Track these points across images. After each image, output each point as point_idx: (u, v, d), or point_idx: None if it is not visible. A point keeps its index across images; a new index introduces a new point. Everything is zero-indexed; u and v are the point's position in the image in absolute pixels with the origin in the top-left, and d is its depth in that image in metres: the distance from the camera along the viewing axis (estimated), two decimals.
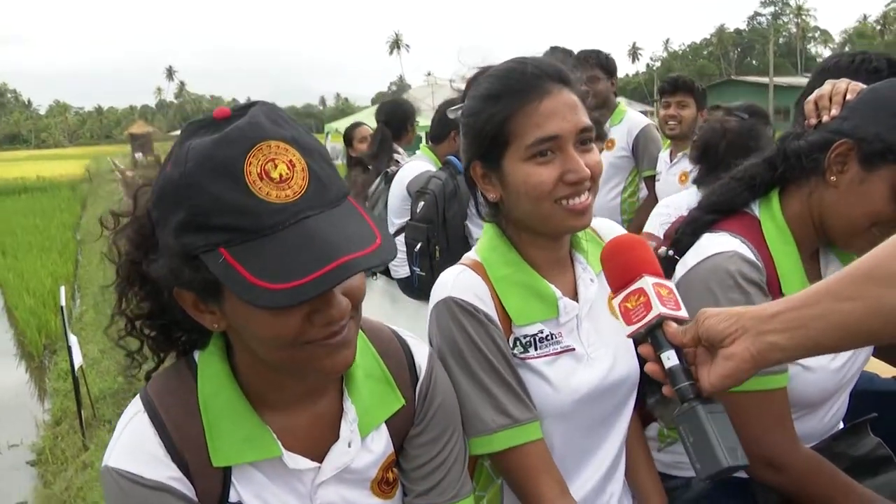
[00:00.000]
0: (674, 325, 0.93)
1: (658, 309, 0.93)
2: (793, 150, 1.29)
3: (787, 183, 1.33)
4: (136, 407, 0.92)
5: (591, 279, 1.27)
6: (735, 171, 1.38)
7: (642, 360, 1.25)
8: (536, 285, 1.22)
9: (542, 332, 1.21)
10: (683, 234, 1.37)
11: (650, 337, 0.94)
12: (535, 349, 1.20)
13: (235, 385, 0.93)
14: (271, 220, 0.77)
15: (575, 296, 1.26)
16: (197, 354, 0.96)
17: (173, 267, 0.82)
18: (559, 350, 1.21)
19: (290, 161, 0.79)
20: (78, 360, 4.42)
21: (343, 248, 0.77)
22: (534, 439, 1.16)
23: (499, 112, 1.14)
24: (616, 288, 1.01)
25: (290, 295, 0.74)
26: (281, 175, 0.78)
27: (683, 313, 0.96)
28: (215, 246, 0.77)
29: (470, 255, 1.28)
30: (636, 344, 1.00)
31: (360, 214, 0.84)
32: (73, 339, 4.46)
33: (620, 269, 1.01)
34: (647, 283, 0.97)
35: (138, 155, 39.33)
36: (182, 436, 0.89)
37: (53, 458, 4.54)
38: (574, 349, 1.22)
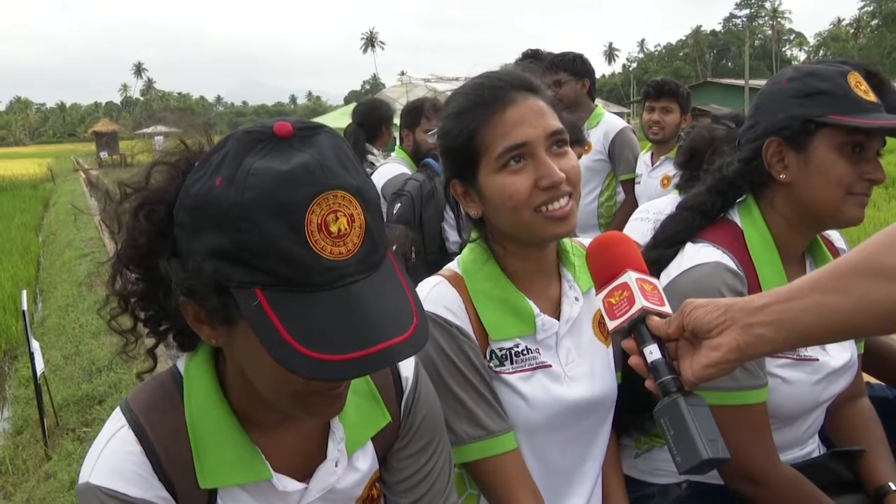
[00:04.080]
0: (656, 318, 0.94)
1: (641, 303, 0.94)
2: (733, 174, 1.34)
3: (755, 196, 1.36)
4: (118, 422, 0.89)
5: (576, 297, 1.26)
6: (684, 201, 1.42)
7: (623, 380, 1.29)
8: (514, 301, 1.21)
9: (517, 346, 1.20)
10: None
11: (633, 331, 0.95)
12: (511, 363, 1.20)
13: (224, 403, 0.90)
14: (320, 279, 0.73)
15: (557, 313, 1.24)
16: (181, 364, 0.93)
17: (193, 284, 0.77)
18: (534, 366, 1.21)
19: (351, 215, 0.75)
20: (40, 366, 4.29)
21: (386, 330, 0.74)
22: (508, 450, 1.16)
23: (466, 126, 1.15)
24: (600, 284, 1.01)
25: (327, 370, 0.71)
26: (340, 230, 0.74)
27: (667, 309, 0.96)
28: (252, 285, 0.73)
29: (451, 266, 1.27)
30: (621, 339, 1.00)
31: (399, 279, 0.81)
32: (35, 345, 4.32)
33: (605, 265, 1.01)
34: (631, 277, 0.97)
35: (103, 154, 38.71)
36: (169, 457, 0.87)
37: (14, 469, 4.38)
38: (550, 366, 1.21)
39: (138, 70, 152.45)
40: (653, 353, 0.92)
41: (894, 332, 0.81)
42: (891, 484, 1.36)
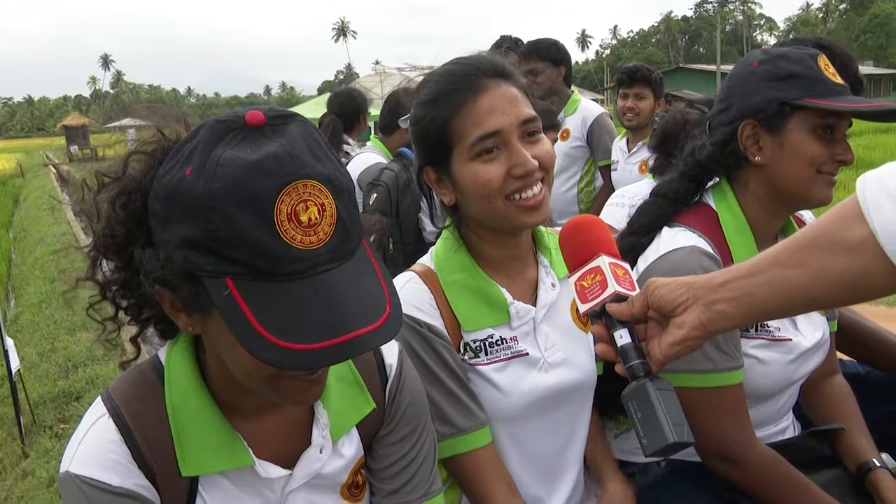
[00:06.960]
0: (615, 305, 0.95)
1: (613, 287, 0.94)
2: (707, 158, 1.35)
3: (728, 179, 1.37)
4: (98, 411, 0.89)
5: (552, 283, 1.26)
6: (657, 187, 1.42)
7: (604, 361, 1.28)
8: (487, 290, 1.21)
9: (492, 337, 1.21)
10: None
11: (604, 316, 0.95)
12: (486, 354, 1.20)
13: (205, 390, 0.90)
14: (289, 268, 0.73)
15: (534, 299, 1.25)
16: (163, 353, 0.93)
17: (166, 273, 0.78)
18: (510, 355, 1.21)
19: (322, 204, 0.74)
20: (15, 364, 4.23)
21: (357, 319, 0.73)
22: (479, 446, 1.17)
23: (439, 115, 1.14)
24: (573, 267, 1.01)
25: (297, 359, 0.71)
26: (310, 219, 0.74)
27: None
28: (222, 274, 0.73)
29: (423, 261, 1.27)
30: (591, 323, 1.01)
31: (374, 268, 0.80)
32: (9, 343, 4.26)
33: (578, 248, 1.01)
34: (604, 261, 0.97)
35: (74, 148, 37.98)
36: (150, 445, 0.87)
37: None
38: (527, 353, 1.21)
39: (106, 62, 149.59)
40: (623, 337, 0.93)
41: (851, 303, 0.83)
42: (874, 460, 1.38)
